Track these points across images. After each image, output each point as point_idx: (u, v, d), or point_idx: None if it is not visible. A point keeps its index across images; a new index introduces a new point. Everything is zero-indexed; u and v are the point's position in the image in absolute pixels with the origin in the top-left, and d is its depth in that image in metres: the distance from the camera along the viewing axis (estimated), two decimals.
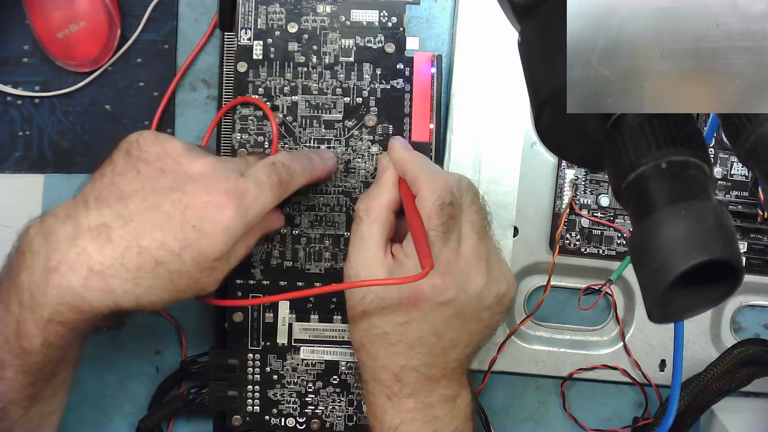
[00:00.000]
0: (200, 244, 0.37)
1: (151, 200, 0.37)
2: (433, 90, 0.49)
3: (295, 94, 0.49)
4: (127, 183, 0.37)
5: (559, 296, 0.54)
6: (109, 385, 0.53)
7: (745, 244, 0.52)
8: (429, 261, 0.40)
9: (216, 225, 0.37)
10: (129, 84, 0.51)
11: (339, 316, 0.49)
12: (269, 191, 0.40)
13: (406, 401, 0.44)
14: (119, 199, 0.37)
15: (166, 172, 0.38)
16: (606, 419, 0.55)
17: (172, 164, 0.38)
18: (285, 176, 0.41)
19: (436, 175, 0.44)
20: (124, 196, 0.37)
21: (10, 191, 0.51)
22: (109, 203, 0.37)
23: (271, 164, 0.41)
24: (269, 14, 0.48)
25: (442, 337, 0.43)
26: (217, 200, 0.37)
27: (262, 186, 0.39)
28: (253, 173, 0.40)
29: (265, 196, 0.39)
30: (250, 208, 0.38)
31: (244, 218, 0.38)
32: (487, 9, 0.50)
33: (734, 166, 0.52)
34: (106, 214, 0.37)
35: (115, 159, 0.39)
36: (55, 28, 0.49)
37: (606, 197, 0.52)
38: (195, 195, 0.37)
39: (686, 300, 0.26)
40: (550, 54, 0.27)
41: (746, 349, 0.51)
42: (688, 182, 0.26)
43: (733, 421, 0.51)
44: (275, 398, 0.50)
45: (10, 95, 0.51)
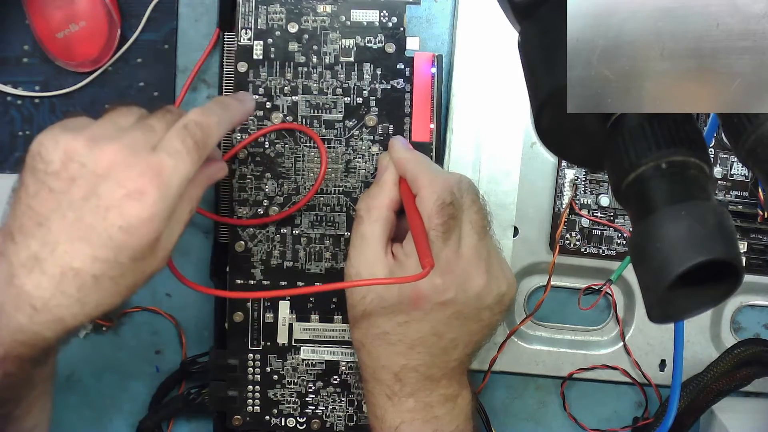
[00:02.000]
0: (132, 241, 0.35)
1: (71, 216, 0.35)
2: (433, 90, 0.49)
3: (295, 94, 0.49)
4: (43, 204, 0.35)
5: (559, 296, 0.54)
6: (109, 385, 0.53)
7: (745, 244, 0.52)
8: (429, 261, 0.40)
9: (141, 215, 0.35)
10: (129, 84, 0.51)
11: (339, 316, 0.49)
12: (187, 157, 0.37)
13: (407, 401, 0.44)
14: (40, 225, 0.35)
15: (76, 179, 0.35)
16: (606, 419, 0.55)
17: (79, 168, 0.35)
18: (200, 136, 0.38)
19: (437, 175, 0.44)
20: (43, 220, 0.35)
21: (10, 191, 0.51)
22: (32, 232, 0.35)
23: (182, 128, 0.38)
24: (269, 14, 0.48)
25: (443, 336, 0.43)
26: (134, 188, 0.35)
27: (178, 154, 0.37)
28: (165, 144, 0.37)
29: (184, 163, 0.37)
30: (171, 182, 0.36)
31: (168, 195, 0.36)
32: (487, 9, 0.50)
33: (734, 166, 0.52)
34: (32, 244, 0.35)
35: (25, 180, 0.36)
36: (55, 28, 0.49)
37: (606, 197, 0.52)
38: (110, 194, 0.35)
39: (686, 300, 0.26)
40: (550, 54, 0.27)
41: (746, 349, 0.51)
42: (688, 182, 0.26)
43: (733, 421, 0.51)
44: (275, 398, 0.50)
45: (10, 95, 0.51)
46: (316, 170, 0.49)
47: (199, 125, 0.38)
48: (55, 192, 0.35)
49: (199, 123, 0.38)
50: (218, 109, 0.41)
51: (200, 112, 0.39)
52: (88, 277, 0.35)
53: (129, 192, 0.35)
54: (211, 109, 0.40)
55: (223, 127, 0.40)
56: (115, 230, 0.35)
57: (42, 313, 0.35)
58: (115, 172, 0.35)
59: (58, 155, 0.36)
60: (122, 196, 0.35)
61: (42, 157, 0.36)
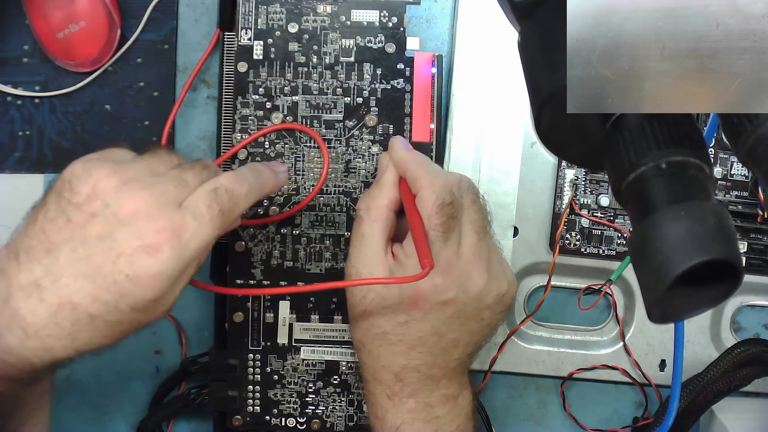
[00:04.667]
0: (135, 292, 0.35)
1: (81, 251, 0.35)
2: (433, 90, 0.49)
3: (295, 94, 0.49)
4: (57, 232, 0.35)
5: (559, 296, 0.54)
6: (109, 385, 0.53)
7: (745, 244, 0.52)
8: (429, 261, 0.40)
9: (150, 270, 0.35)
10: (129, 84, 0.51)
11: (339, 316, 0.49)
12: (209, 224, 0.37)
13: (407, 401, 0.44)
14: (48, 252, 0.35)
15: (96, 216, 0.35)
16: (606, 419, 0.55)
17: (102, 207, 0.35)
18: (227, 204, 0.38)
19: (437, 175, 0.44)
20: (53, 248, 0.35)
21: (10, 191, 0.51)
22: (39, 257, 0.35)
23: (212, 191, 0.38)
24: (269, 14, 0.48)
25: (443, 336, 0.43)
26: (150, 243, 0.35)
27: (201, 218, 0.36)
28: (192, 204, 0.37)
29: (205, 229, 0.37)
30: (188, 245, 0.36)
31: (182, 257, 0.36)
32: (487, 9, 0.50)
33: (734, 166, 0.52)
34: (36, 270, 0.35)
35: (47, 202, 0.36)
36: (55, 28, 0.49)
37: (606, 197, 0.52)
38: (126, 241, 0.35)
39: (686, 300, 0.26)
40: (550, 54, 0.27)
41: (746, 349, 0.51)
42: (688, 182, 0.26)
43: (733, 421, 0.51)
44: (276, 398, 0.50)
45: (10, 95, 0.51)
46: (316, 170, 0.49)
47: (229, 193, 0.38)
48: (72, 223, 0.35)
49: (229, 190, 0.38)
50: (251, 178, 0.41)
51: (233, 178, 0.39)
52: (85, 315, 0.35)
53: (144, 245, 0.35)
54: (244, 176, 0.40)
55: (251, 198, 0.40)
56: (122, 277, 0.35)
57: (32, 339, 0.35)
58: (136, 221, 0.35)
59: (86, 188, 0.36)
60: (137, 247, 0.35)
61: (71, 186, 0.36)
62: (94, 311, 0.35)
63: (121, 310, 0.35)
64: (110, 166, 0.36)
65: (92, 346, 0.36)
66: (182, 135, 0.52)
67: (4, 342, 0.35)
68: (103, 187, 0.36)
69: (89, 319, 0.35)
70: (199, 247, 0.36)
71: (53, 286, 0.35)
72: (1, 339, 0.35)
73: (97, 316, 0.35)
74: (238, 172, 0.40)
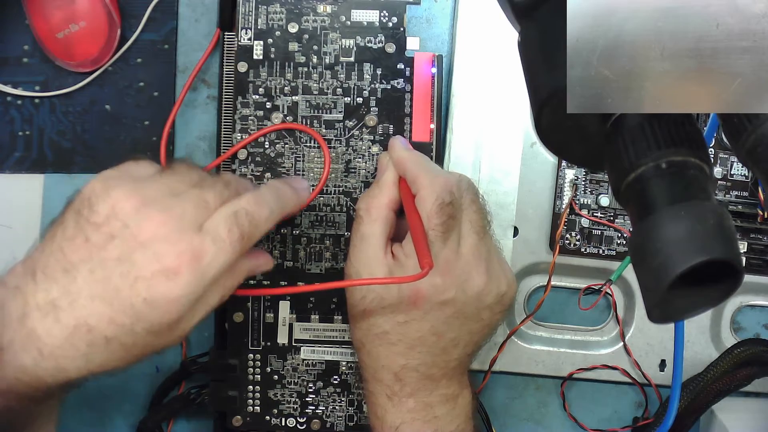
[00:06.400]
0: (152, 315, 0.35)
1: (99, 273, 0.35)
2: (433, 90, 0.49)
3: (295, 94, 0.49)
4: (75, 251, 0.35)
5: (559, 296, 0.54)
6: (109, 385, 0.53)
7: (745, 244, 0.52)
8: (428, 261, 0.40)
9: (168, 295, 0.35)
10: (129, 84, 0.51)
11: (339, 316, 0.49)
12: (229, 248, 0.36)
13: (407, 401, 0.44)
14: (66, 272, 0.35)
15: (115, 237, 0.35)
16: (606, 419, 0.55)
17: (121, 228, 0.35)
18: (248, 229, 0.37)
19: (436, 175, 0.44)
20: (70, 268, 0.35)
21: (10, 191, 0.51)
22: (56, 277, 0.35)
23: (232, 214, 0.37)
24: (269, 14, 0.48)
25: (443, 336, 0.43)
26: (169, 266, 0.35)
27: (221, 243, 0.36)
28: (212, 227, 0.36)
29: (225, 254, 0.36)
30: (208, 270, 0.35)
31: (201, 282, 0.35)
32: (487, 9, 0.50)
33: (734, 166, 0.52)
34: (53, 290, 0.35)
35: (66, 219, 0.36)
36: (55, 28, 0.49)
37: (606, 197, 0.52)
38: (144, 264, 0.34)
39: (686, 300, 0.26)
40: (550, 54, 0.27)
41: (746, 349, 0.51)
42: (688, 182, 0.26)
43: (733, 421, 0.51)
44: (276, 398, 0.50)
45: (10, 95, 0.51)
46: (317, 170, 0.49)
47: (250, 216, 0.38)
48: (91, 243, 0.35)
49: (250, 214, 0.38)
50: (272, 200, 0.40)
51: (254, 201, 0.38)
52: (101, 337, 0.35)
53: (163, 269, 0.35)
54: (265, 198, 0.39)
55: (272, 221, 0.40)
56: (139, 300, 0.34)
57: (47, 359, 0.35)
58: (156, 244, 0.35)
59: (105, 208, 0.35)
60: (155, 271, 0.35)
61: (90, 204, 0.36)
62: (110, 334, 0.35)
63: (137, 333, 0.35)
64: (130, 186, 0.36)
65: (106, 368, 0.36)
66: (182, 135, 0.52)
67: (19, 361, 0.35)
68: (123, 208, 0.35)
69: (105, 342, 0.35)
70: (217, 273, 0.36)
71: (70, 306, 0.35)
72: (16, 358, 0.35)
73: (113, 338, 0.35)
74: (258, 194, 0.39)
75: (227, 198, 0.38)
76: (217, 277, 0.36)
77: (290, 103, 0.49)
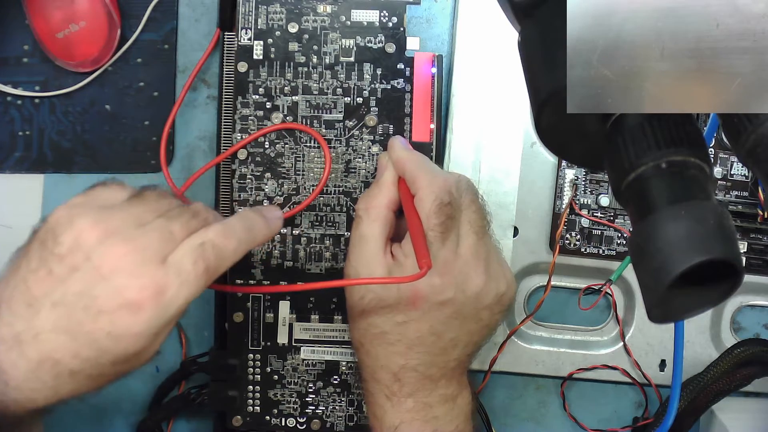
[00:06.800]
0: (116, 349, 0.34)
1: (62, 307, 0.34)
2: (433, 90, 0.49)
3: (295, 94, 0.49)
4: (38, 284, 0.34)
5: (559, 296, 0.54)
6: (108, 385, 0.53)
7: (745, 244, 0.52)
8: (427, 261, 0.40)
9: (131, 330, 0.34)
10: (129, 84, 0.51)
11: (339, 316, 0.49)
12: (193, 281, 0.35)
13: (406, 401, 0.44)
14: (29, 306, 0.34)
15: (77, 270, 0.34)
16: (606, 419, 0.55)
17: (83, 260, 0.34)
18: (213, 262, 0.36)
19: (435, 175, 0.44)
20: (34, 302, 0.34)
21: (10, 191, 0.51)
22: (20, 311, 0.34)
23: (198, 246, 0.36)
24: (269, 14, 0.48)
25: (441, 336, 0.43)
26: (132, 300, 0.34)
27: (186, 276, 0.35)
28: (176, 260, 0.35)
29: (189, 287, 0.35)
30: (171, 304, 0.35)
31: (164, 315, 0.35)
32: (487, 9, 0.50)
33: (734, 166, 0.52)
34: (16, 324, 0.34)
35: (30, 251, 0.36)
36: (55, 28, 0.49)
37: (606, 197, 0.52)
38: (107, 298, 0.34)
39: (686, 300, 0.26)
40: (550, 54, 0.27)
41: (746, 349, 0.51)
42: (688, 182, 0.26)
43: (733, 421, 0.51)
44: (276, 398, 0.50)
45: (10, 95, 0.51)
46: (317, 170, 0.49)
47: (216, 249, 0.37)
48: (54, 276, 0.35)
49: (216, 246, 0.37)
50: (240, 231, 0.39)
51: (222, 232, 0.37)
52: (66, 371, 0.35)
53: (126, 303, 0.34)
54: (233, 229, 0.38)
55: (239, 253, 0.38)
56: (102, 335, 0.34)
57: (14, 391, 0.34)
58: (118, 277, 0.34)
59: (68, 239, 0.35)
60: (118, 305, 0.34)
61: (54, 234, 0.35)
62: (76, 367, 0.35)
63: (102, 365, 0.35)
64: (94, 216, 0.35)
65: (76, 395, 0.36)
66: (182, 135, 0.52)
67: None
68: (86, 239, 0.35)
69: (71, 374, 0.35)
70: (181, 305, 0.36)
71: (34, 341, 0.34)
72: None
73: (78, 371, 0.35)
74: (227, 224, 0.38)
75: (194, 228, 0.37)
76: (181, 310, 0.36)
77: (290, 103, 0.49)
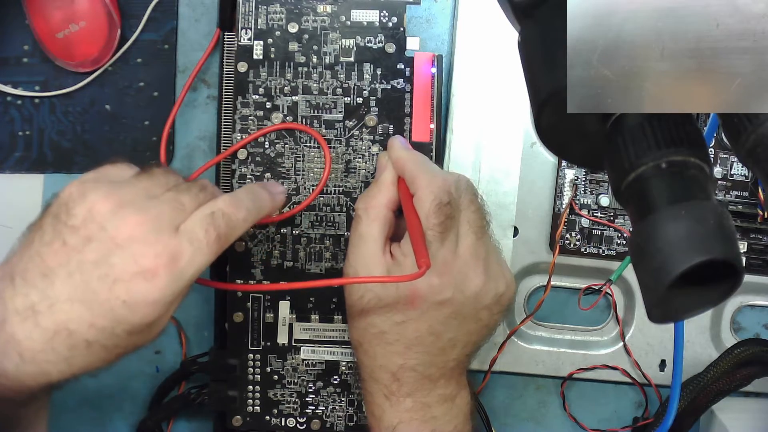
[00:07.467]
0: (132, 318, 0.35)
1: (77, 276, 0.34)
2: (433, 90, 0.49)
3: (295, 94, 0.49)
4: (53, 256, 0.35)
5: (559, 296, 0.54)
6: (109, 385, 0.53)
7: (745, 244, 0.52)
8: (425, 260, 0.40)
9: (147, 297, 0.35)
10: (129, 84, 0.51)
11: (339, 316, 0.49)
12: (206, 249, 0.36)
13: (405, 401, 0.44)
14: (44, 276, 0.35)
15: (92, 240, 0.35)
16: (606, 419, 0.55)
17: (97, 231, 0.35)
18: (224, 229, 0.37)
19: (435, 175, 0.44)
20: (49, 273, 0.35)
21: (10, 191, 0.51)
22: (35, 281, 0.35)
23: (209, 215, 0.37)
24: (269, 14, 0.48)
25: (440, 336, 0.43)
26: (147, 267, 0.34)
27: (198, 244, 0.36)
28: (189, 228, 0.36)
29: (202, 255, 0.36)
30: (185, 271, 0.35)
31: (179, 283, 0.35)
32: (487, 9, 0.50)
33: (734, 166, 0.52)
34: (32, 294, 0.35)
35: (43, 224, 0.36)
36: (55, 28, 0.49)
37: (606, 197, 0.52)
38: (122, 267, 0.34)
39: (686, 300, 0.26)
40: (550, 54, 0.27)
41: (746, 349, 0.51)
42: (688, 182, 0.26)
43: (733, 421, 0.51)
44: (275, 398, 0.50)
45: (10, 95, 0.51)
46: (317, 170, 0.49)
47: (226, 217, 0.38)
48: (69, 247, 0.35)
49: (226, 215, 0.38)
50: (248, 202, 0.40)
51: (230, 202, 0.38)
52: (81, 341, 0.35)
53: (141, 270, 0.35)
54: (241, 200, 0.40)
55: (249, 222, 0.40)
56: (118, 304, 0.34)
57: (28, 363, 0.35)
58: (133, 245, 0.35)
59: (82, 211, 0.35)
60: (133, 273, 0.35)
61: (67, 208, 0.36)
62: (91, 337, 0.35)
63: (117, 335, 0.35)
64: (106, 189, 0.36)
65: (89, 368, 0.36)
66: (182, 135, 0.52)
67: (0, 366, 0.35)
68: (99, 210, 0.35)
69: (86, 345, 0.35)
70: (194, 273, 0.36)
71: (49, 311, 0.34)
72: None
73: (93, 341, 0.35)
74: (235, 195, 0.40)
75: (203, 200, 0.38)
76: (194, 278, 0.36)
77: (290, 103, 0.49)
